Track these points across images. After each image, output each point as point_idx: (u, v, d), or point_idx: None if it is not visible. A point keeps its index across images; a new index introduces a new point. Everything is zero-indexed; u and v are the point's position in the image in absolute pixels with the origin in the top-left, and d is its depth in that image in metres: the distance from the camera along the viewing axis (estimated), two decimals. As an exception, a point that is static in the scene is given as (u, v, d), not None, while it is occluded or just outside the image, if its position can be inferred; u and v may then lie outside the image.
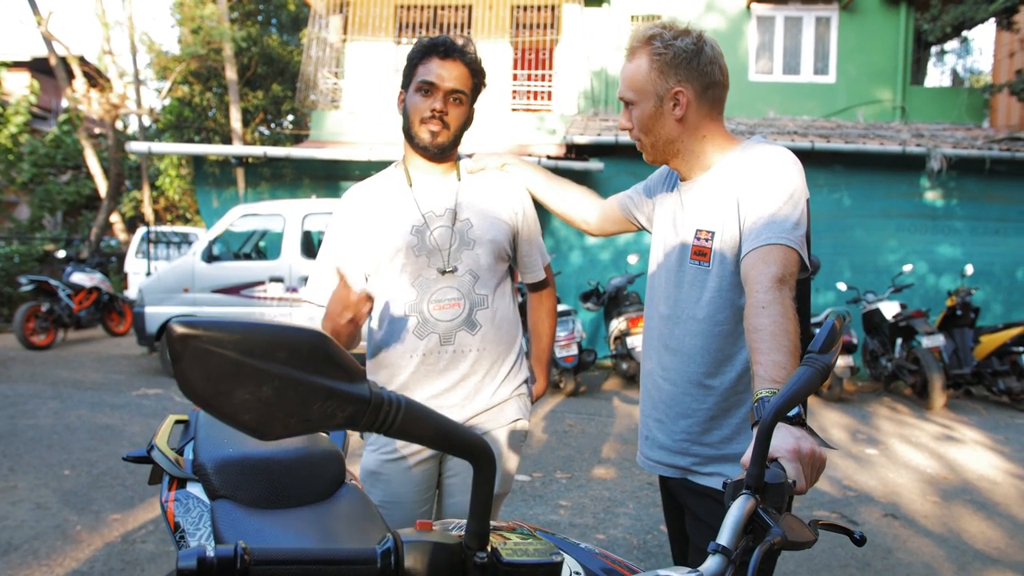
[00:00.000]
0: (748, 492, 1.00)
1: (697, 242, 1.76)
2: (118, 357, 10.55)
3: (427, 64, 2.08)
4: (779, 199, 1.61)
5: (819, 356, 1.05)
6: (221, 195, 12.79)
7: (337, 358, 0.64)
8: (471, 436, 0.72)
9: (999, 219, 11.12)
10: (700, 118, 1.77)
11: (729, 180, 1.72)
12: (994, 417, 8.09)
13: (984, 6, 13.05)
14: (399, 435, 0.67)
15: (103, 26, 17.95)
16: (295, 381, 0.62)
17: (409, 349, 2.10)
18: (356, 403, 0.64)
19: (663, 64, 1.72)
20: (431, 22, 14.30)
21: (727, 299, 1.72)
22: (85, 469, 5.27)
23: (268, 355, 0.61)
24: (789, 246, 1.54)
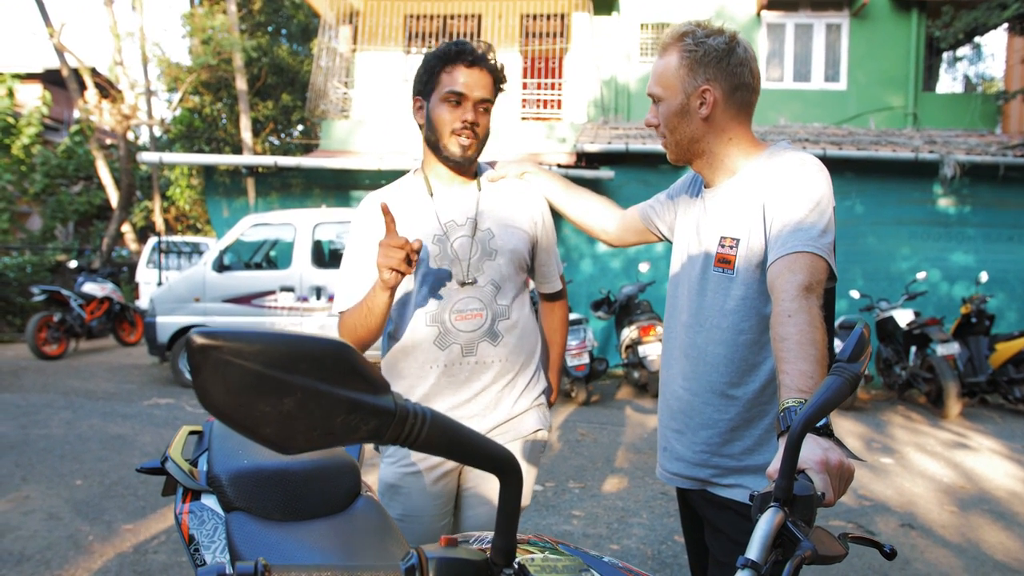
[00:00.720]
0: (776, 505, 0.98)
1: (721, 249, 1.73)
2: (129, 367, 10.56)
3: (452, 73, 2.02)
4: (806, 206, 1.58)
5: (848, 365, 1.03)
6: (232, 205, 12.83)
7: (361, 369, 0.62)
8: (497, 449, 0.70)
9: (1013, 226, 11.05)
10: (727, 120, 1.75)
11: (755, 186, 1.70)
12: (1010, 426, 8.01)
13: (997, 12, 12.99)
14: (424, 448, 0.65)
15: (115, 37, 18.06)
16: (318, 393, 0.60)
17: (430, 360, 2.06)
18: (380, 416, 0.62)
19: (692, 61, 1.72)
20: (440, 32, 14.34)
21: (752, 307, 1.69)
22: (97, 479, 5.27)
23: (290, 367, 0.59)
24: (817, 254, 1.51)
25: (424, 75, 2.08)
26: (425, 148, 2.15)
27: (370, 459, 5.00)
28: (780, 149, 1.75)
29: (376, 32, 14.23)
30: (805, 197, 1.60)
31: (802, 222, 1.56)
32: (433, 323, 2.05)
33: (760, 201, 1.67)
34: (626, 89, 14.34)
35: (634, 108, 14.29)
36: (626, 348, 9.15)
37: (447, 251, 2.07)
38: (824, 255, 1.53)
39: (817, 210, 1.59)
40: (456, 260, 2.07)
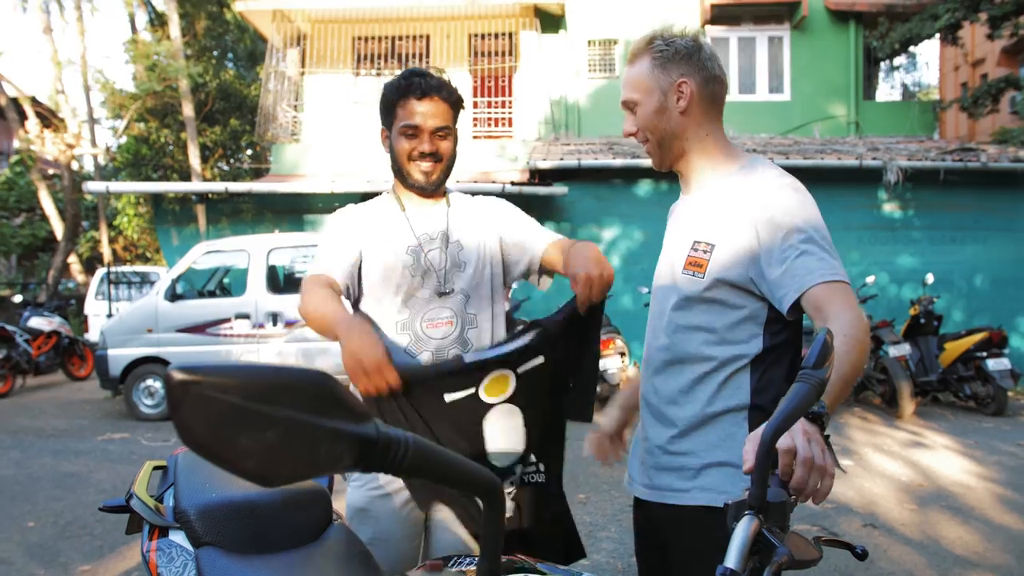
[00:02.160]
0: (752, 512, 0.99)
1: (693, 253, 1.75)
2: (80, 402, 10.31)
3: (406, 106, 2.09)
4: (821, 240, 1.62)
5: (814, 372, 1.05)
6: (182, 233, 12.65)
7: (342, 398, 0.62)
8: (480, 472, 0.70)
9: (955, 228, 11.36)
10: (702, 114, 1.79)
11: (737, 200, 1.71)
12: (962, 422, 8.20)
13: (929, 23, 13.42)
14: (408, 473, 0.65)
15: (55, 65, 17.76)
16: (301, 424, 0.59)
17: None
18: (364, 444, 0.62)
19: (664, 60, 1.77)
20: (389, 53, 14.34)
21: (716, 311, 1.72)
22: (51, 520, 5.11)
23: (272, 398, 0.58)
24: (846, 281, 1.58)
25: (383, 108, 2.15)
26: (395, 176, 2.22)
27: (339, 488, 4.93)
28: (758, 164, 1.79)
29: (324, 55, 14.19)
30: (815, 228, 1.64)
31: (822, 255, 1.59)
32: (404, 331, 2.10)
33: (747, 219, 1.67)
34: (576, 105, 14.48)
35: (584, 124, 14.42)
36: None
37: (420, 262, 2.13)
38: (848, 282, 1.60)
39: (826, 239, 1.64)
40: (430, 271, 2.12)
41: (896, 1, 14.16)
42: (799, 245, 1.59)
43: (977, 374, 8.62)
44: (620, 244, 11.45)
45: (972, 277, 11.40)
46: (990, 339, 8.54)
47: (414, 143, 2.10)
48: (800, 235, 1.60)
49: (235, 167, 25.91)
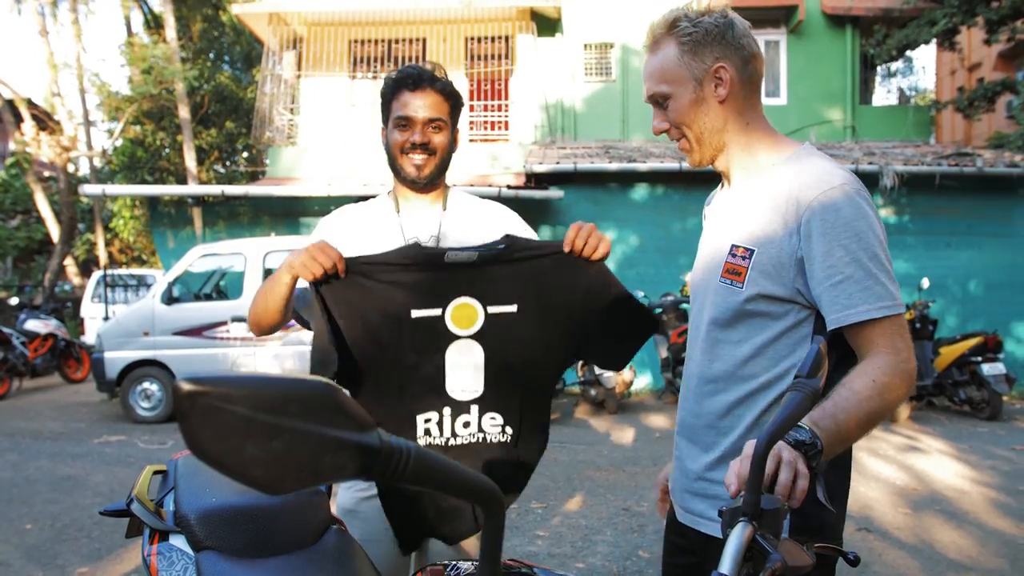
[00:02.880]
0: (746, 519, 1.01)
1: (732, 259, 1.57)
2: (77, 404, 10.30)
3: (399, 99, 2.09)
4: (869, 260, 1.45)
5: (808, 381, 1.06)
6: (178, 235, 12.64)
7: (346, 408, 0.63)
8: (481, 481, 0.71)
9: (950, 233, 11.40)
10: (743, 100, 1.60)
11: (782, 198, 1.52)
12: (957, 427, 8.24)
13: (926, 28, 13.47)
14: (409, 482, 0.66)
15: (51, 68, 17.75)
16: (306, 434, 0.61)
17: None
18: (367, 453, 0.63)
19: (694, 44, 1.57)
20: (385, 56, 14.35)
21: (758, 325, 1.56)
22: (48, 522, 5.12)
23: (278, 409, 0.60)
24: (894, 312, 1.45)
25: (382, 104, 2.16)
26: (392, 173, 2.21)
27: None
28: (807, 154, 1.60)
29: (320, 58, 14.20)
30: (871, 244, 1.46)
31: (878, 277, 1.45)
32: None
33: (791, 220, 1.50)
34: (572, 109, 14.50)
35: (581, 128, 14.45)
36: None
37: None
38: (901, 311, 1.46)
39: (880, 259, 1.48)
40: None
41: (893, 5, 14.20)
42: (843, 268, 1.43)
43: (972, 379, 8.66)
44: (616, 248, 11.47)
45: (967, 282, 11.44)
46: (985, 344, 8.58)
47: (406, 134, 2.09)
48: (845, 254, 1.43)
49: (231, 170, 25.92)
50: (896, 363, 1.40)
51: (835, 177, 1.49)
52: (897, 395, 1.39)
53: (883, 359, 1.40)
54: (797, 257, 1.48)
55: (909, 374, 1.42)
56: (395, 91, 2.10)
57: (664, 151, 11.99)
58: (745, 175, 1.63)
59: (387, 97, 2.13)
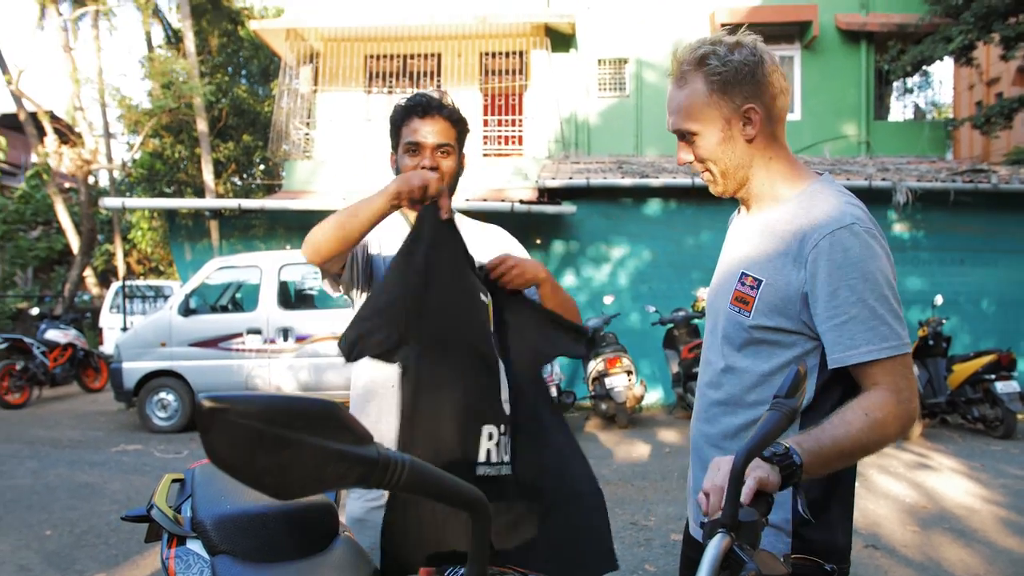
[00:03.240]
0: (724, 531, 1.07)
1: (741, 287, 1.60)
2: (95, 414, 10.45)
3: (409, 125, 2.18)
4: (876, 300, 1.47)
5: (785, 400, 1.13)
6: (195, 248, 12.80)
7: (347, 424, 0.71)
8: (468, 490, 0.79)
9: (964, 249, 11.38)
10: (770, 137, 1.62)
11: (792, 232, 1.55)
12: (970, 445, 8.22)
13: (942, 45, 13.45)
14: (404, 490, 0.74)
15: (74, 83, 18.03)
16: (311, 446, 0.69)
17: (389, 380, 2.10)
18: (366, 464, 0.71)
19: (724, 83, 1.57)
20: (401, 71, 14.51)
21: (765, 352, 1.59)
22: (67, 529, 5.22)
23: (287, 424, 0.68)
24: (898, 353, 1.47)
25: (391, 131, 2.25)
26: None
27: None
28: (822, 189, 1.61)
29: (337, 72, 14.37)
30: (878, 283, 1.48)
31: (884, 316, 1.47)
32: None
33: (799, 255, 1.52)
34: (586, 124, 14.59)
35: (594, 143, 14.53)
36: (593, 380, 9.25)
37: None
38: (905, 351, 1.48)
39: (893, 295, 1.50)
40: None
41: (908, 21, 14.22)
42: (848, 308, 1.45)
43: (985, 396, 8.64)
44: (628, 263, 11.53)
45: (981, 299, 11.41)
46: (999, 362, 8.56)
47: (416, 160, 2.17)
48: (851, 294, 1.45)
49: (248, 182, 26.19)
50: (896, 402, 1.43)
51: (846, 216, 1.50)
52: (890, 432, 1.42)
53: (881, 396, 1.42)
54: (803, 292, 1.51)
55: (908, 414, 1.44)
56: (405, 118, 2.19)
57: (677, 167, 12.03)
58: (762, 205, 1.66)
59: (397, 123, 2.21)
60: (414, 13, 13.82)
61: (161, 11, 24.28)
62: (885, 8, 14.54)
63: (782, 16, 14.23)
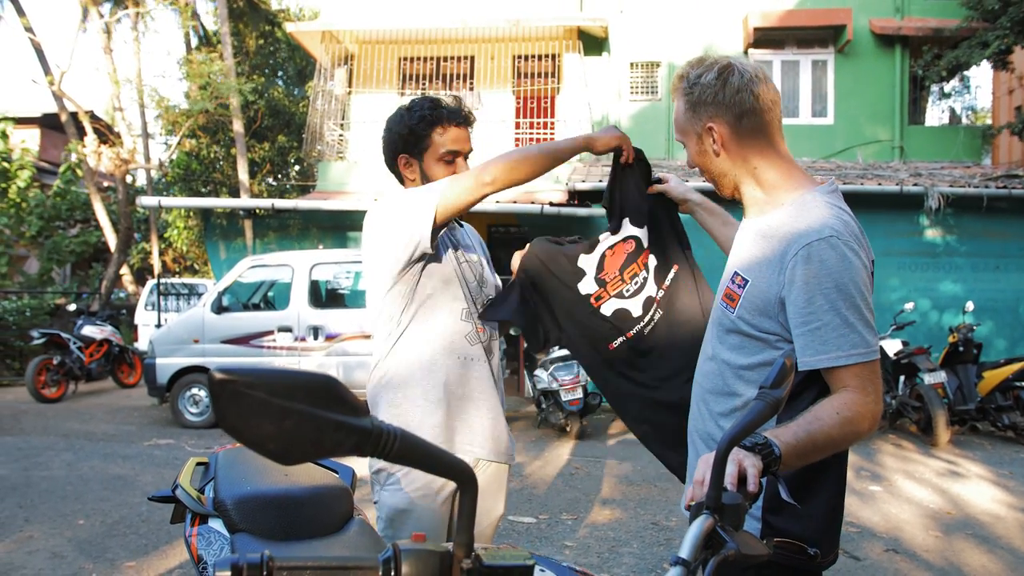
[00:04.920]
0: (708, 512, 1.13)
1: (731, 285, 1.73)
2: (129, 408, 10.67)
3: (446, 133, 2.22)
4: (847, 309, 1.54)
5: (770, 391, 1.19)
6: (229, 246, 13.02)
7: (344, 397, 0.79)
8: (455, 460, 0.87)
9: (999, 255, 11.26)
10: (744, 150, 1.73)
11: (777, 242, 1.64)
12: (999, 452, 8.14)
13: (978, 51, 13.29)
14: (396, 460, 0.82)
15: (114, 84, 18.37)
16: (311, 415, 0.76)
17: (459, 351, 2.24)
18: (360, 434, 0.79)
19: (692, 102, 1.74)
20: (434, 74, 14.64)
21: (748, 348, 1.68)
22: (99, 518, 5.37)
23: (289, 395, 0.75)
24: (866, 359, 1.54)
25: (412, 136, 2.24)
26: None
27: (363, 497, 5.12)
28: (808, 202, 1.67)
29: (371, 75, 14.53)
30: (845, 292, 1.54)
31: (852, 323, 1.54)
32: (468, 319, 2.27)
33: (780, 264, 1.61)
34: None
35: (625, 145, 14.53)
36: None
37: (465, 274, 2.30)
38: (873, 357, 1.55)
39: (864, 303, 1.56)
40: (470, 284, 2.31)
41: (944, 25, 14.07)
42: (821, 315, 1.53)
43: (1016, 404, 8.54)
44: (657, 265, 11.51)
45: (1016, 306, 11.28)
46: (1030, 368, 8.47)
47: (451, 168, 2.21)
48: (825, 302, 1.53)
49: (282, 183, 26.49)
50: (863, 402, 1.51)
51: (825, 228, 1.58)
52: (859, 429, 1.50)
53: (851, 396, 1.51)
54: (781, 297, 1.61)
55: (873, 414, 1.52)
56: (437, 124, 2.21)
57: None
58: (757, 211, 1.77)
59: (427, 131, 2.22)
60: (447, 16, 13.94)
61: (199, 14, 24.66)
62: (920, 12, 14.40)
63: (816, 20, 14.16)
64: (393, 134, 2.28)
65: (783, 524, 1.55)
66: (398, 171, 2.33)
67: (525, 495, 6.20)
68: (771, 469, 1.33)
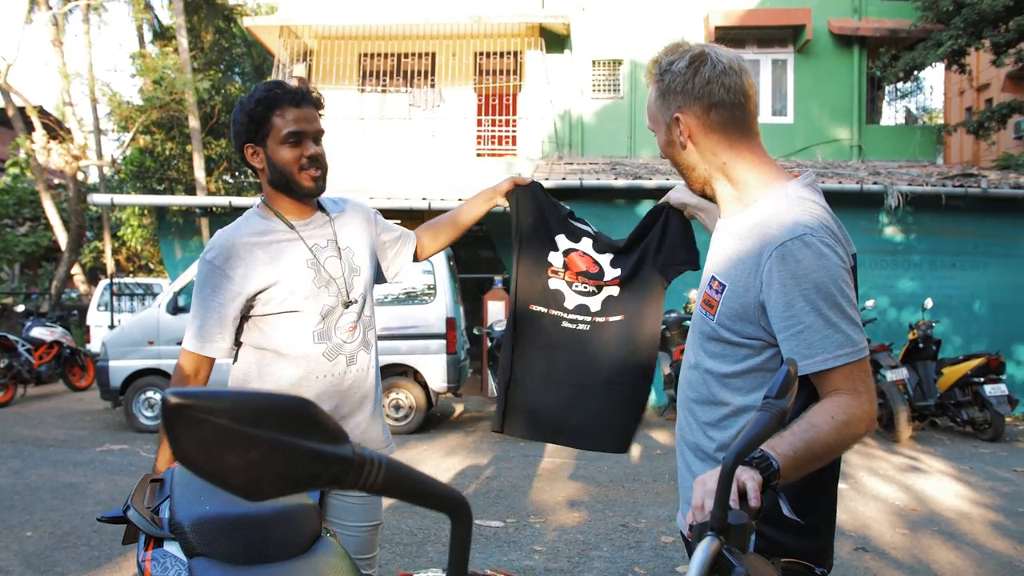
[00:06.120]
0: (713, 533, 1.05)
1: (709, 290, 1.66)
2: (80, 413, 10.36)
3: (283, 115, 2.11)
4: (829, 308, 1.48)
5: (776, 401, 1.10)
6: (185, 245, 12.74)
7: (321, 422, 0.68)
8: (448, 491, 0.76)
9: (956, 253, 11.40)
10: (713, 144, 1.65)
11: (751, 243, 1.57)
12: (959, 447, 8.23)
13: (933, 51, 13.51)
14: (380, 492, 0.70)
15: (63, 78, 17.91)
16: (282, 444, 0.65)
17: (318, 371, 2.19)
18: (340, 463, 0.68)
19: (662, 90, 1.66)
20: (395, 70, 14.47)
21: (731, 354, 1.62)
22: (48, 530, 5.16)
23: (256, 421, 0.64)
24: (855, 359, 1.48)
25: (252, 123, 2.13)
26: (270, 188, 2.22)
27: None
28: (780, 200, 1.60)
29: (330, 71, 14.32)
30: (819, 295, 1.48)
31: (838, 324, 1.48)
32: (322, 340, 2.18)
33: (756, 266, 1.55)
34: (580, 125, 14.58)
35: (588, 144, 14.52)
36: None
37: (322, 274, 2.19)
38: (861, 355, 1.49)
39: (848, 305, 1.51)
40: (331, 280, 2.19)
41: (900, 27, 14.26)
42: (803, 318, 1.47)
43: (974, 399, 8.65)
44: (621, 264, 11.49)
45: (971, 302, 11.43)
46: (988, 365, 8.58)
47: (299, 150, 2.11)
48: (805, 303, 1.47)
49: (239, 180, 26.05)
50: (857, 404, 1.44)
51: (798, 226, 1.51)
52: (856, 432, 1.43)
53: (843, 399, 1.44)
54: (759, 300, 1.54)
55: (868, 414, 1.46)
56: (275, 107, 2.10)
57: (671, 168, 12.00)
58: (730, 209, 1.69)
59: (264, 115, 2.11)
60: (408, 12, 13.79)
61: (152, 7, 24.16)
62: (878, 13, 14.58)
63: (776, 20, 14.26)
64: (237, 125, 2.17)
65: (782, 538, 1.47)
66: (248, 163, 2.21)
67: (491, 498, 6.10)
68: (770, 483, 1.26)
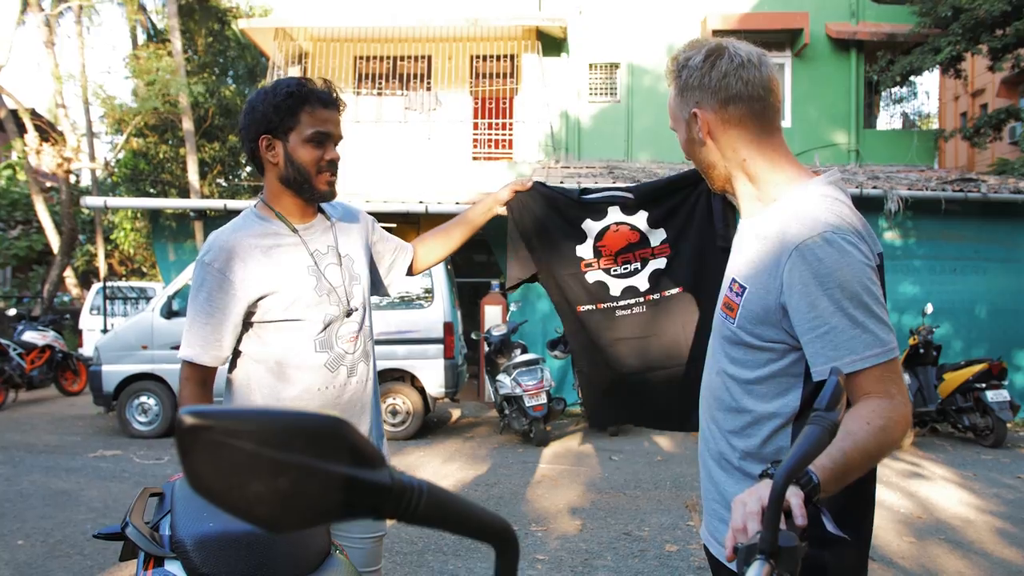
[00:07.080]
0: (763, 557, 0.97)
1: (729, 293, 1.61)
2: (73, 418, 10.24)
3: (314, 113, 2.03)
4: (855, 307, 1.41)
5: (826, 414, 1.03)
6: (179, 249, 12.62)
7: (357, 444, 0.59)
8: (493, 519, 0.67)
9: (956, 258, 11.36)
10: (732, 139, 1.60)
11: (772, 243, 1.51)
12: (961, 454, 8.17)
13: (930, 56, 13.50)
14: (420, 522, 0.62)
15: (56, 80, 17.80)
16: (313, 471, 0.57)
17: (320, 382, 2.12)
18: (378, 492, 0.59)
19: (680, 87, 1.63)
20: (391, 73, 14.40)
21: (752, 359, 1.56)
22: (40, 538, 5.05)
23: (285, 444, 0.56)
24: (885, 359, 1.40)
25: (277, 114, 2.03)
26: (278, 186, 2.11)
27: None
28: (802, 199, 1.54)
29: (325, 74, 14.23)
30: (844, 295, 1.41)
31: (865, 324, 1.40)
32: (323, 349, 2.12)
33: (777, 266, 1.48)
34: (577, 128, 14.52)
35: (585, 147, 14.46)
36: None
37: (323, 282, 2.12)
38: (891, 356, 1.41)
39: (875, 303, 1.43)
40: (332, 289, 2.13)
41: (898, 31, 14.24)
42: (828, 318, 1.40)
43: (976, 405, 8.60)
44: (618, 268, 11.43)
45: (972, 307, 11.38)
46: (989, 370, 8.52)
47: (320, 151, 2.04)
48: (830, 303, 1.40)
49: (234, 183, 25.94)
50: (891, 407, 1.37)
51: (818, 224, 1.45)
52: (893, 437, 1.36)
53: (877, 403, 1.37)
54: (781, 303, 1.48)
55: (904, 417, 1.39)
56: (305, 104, 2.02)
57: (668, 171, 11.99)
58: (751, 208, 1.65)
59: (294, 109, 2.02)
60: (404, 14, 13.72)
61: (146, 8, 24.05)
62: (875, 18, 14.57)
63: (773, 23, 14.23)
64: (256, 112, 2.05)
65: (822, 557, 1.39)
66: (258, 156, 2.10)
67: (491, 505, 6.01)
68: (812, 499, 1.18)
